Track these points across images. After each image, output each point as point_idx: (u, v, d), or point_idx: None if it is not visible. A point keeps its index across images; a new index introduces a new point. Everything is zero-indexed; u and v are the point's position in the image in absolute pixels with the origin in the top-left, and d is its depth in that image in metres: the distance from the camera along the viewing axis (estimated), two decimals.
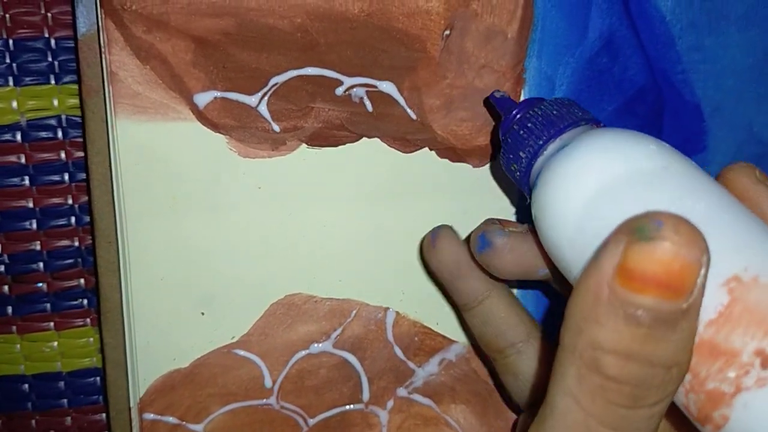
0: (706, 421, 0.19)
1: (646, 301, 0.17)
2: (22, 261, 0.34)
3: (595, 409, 0.19)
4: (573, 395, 0.19)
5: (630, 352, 0.18)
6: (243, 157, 0.31)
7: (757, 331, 0.18)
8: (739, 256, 0.19)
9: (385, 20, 0.30)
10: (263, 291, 0.33)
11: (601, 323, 0.18)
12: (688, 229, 0.17)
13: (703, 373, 0.19)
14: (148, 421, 0.33)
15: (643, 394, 0.18)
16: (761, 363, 0.18)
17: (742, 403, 0.18)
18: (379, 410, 0.34)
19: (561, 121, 0.25)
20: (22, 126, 0.33)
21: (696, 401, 0.19)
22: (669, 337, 0.18)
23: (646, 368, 0.18)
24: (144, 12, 0.29)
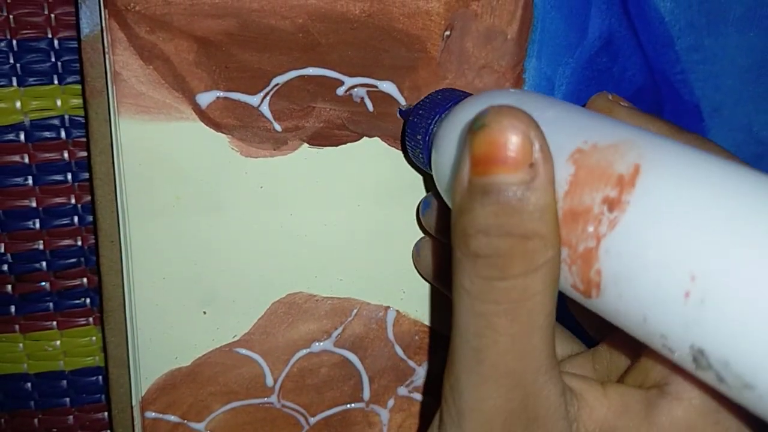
0: (589, 286, 0.20)
1: (491, 180, 0.19)
2: (25, 260, 0.34)
3: (474, 288, 0.20)
4: (459, 284, 0.21)
5: (488, 228, 0.20)
6: (245, 157, 0.31)
7: (600, 184, 0.20)
8: (579, 133, 0.21)
9: (385, 21, 0.30)
10: (265, 290, 0.33)
11: (465, 212, 0.20)
12: (509, 109, 0.19)
13: (573, 240, 0.20)
14: (149, 420, 0.33)
15: (508, 264, 0.20)
16: (608, 207, 0.19)
17: (604, 250, 0.20)
18: (379, 409, 0.34)
19: (445, 101, 0.28)
20: (25, 126, 0.33)
21: (577, 272, 0.21)
22: (521, 209, 0.19)
23: (505, 240, 0.20)
24: (147, 13, 0.29)
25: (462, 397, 0.22)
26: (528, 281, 0.20)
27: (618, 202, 0.19)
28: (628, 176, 0.19)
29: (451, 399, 0.22)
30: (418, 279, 0.34)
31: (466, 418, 0.22)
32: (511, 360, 0.21)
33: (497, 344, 0.20)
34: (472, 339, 0.21)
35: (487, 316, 0.20)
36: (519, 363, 0.21)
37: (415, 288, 0.34)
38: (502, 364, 0.21)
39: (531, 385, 0.21)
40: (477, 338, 0.21)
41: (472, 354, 0.21)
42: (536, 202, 0.19)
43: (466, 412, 0.22)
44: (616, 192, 0.19)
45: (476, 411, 0.22)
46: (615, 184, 0.19)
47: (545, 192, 0.19)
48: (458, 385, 0.22)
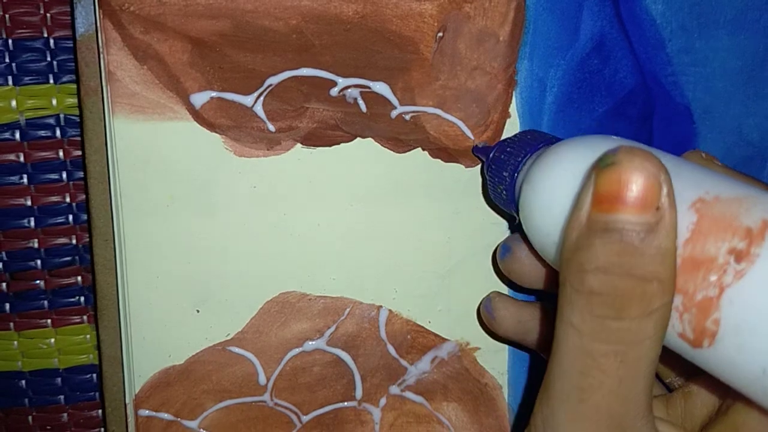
0: (702, 336, 0.21)
1: (616, 218, 0.20)
2: (20, 258, 0.34)
3: (585, 326, 0.21)
4: (568, 320, 0.21)
5: (608, 266, 0.20)
6: (239, 157, 0.31)
7: (726, 235, 0.20)
8: (700, 184, 0.22)
9: (378, 22, 0.30)
10: (258, 289, 0.33)
11: (583, 248, 0.20)
12: (641, 150, 0.20)
13: (691, 288, 0.20)
14: (143, 418, 0.33)
15: (625, 305, 0.20)
16: (735, 258, 0.20)
17: (728, 300, 0.20)
18: (371, 408, 0.34)
19: (535, 141, 0.28)
20: (20, 125, 0.33)
21: (690, 320, 0.21)
22: (643, 251, 0.20)
23: (625, 280, 0.20)
24: (141, 13, 0.29)
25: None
26: (642, 324, 0.20)
27: (747, 253, 0.19)
28: (757, 229, 0.20)
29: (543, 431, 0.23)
30: (410, 279, 0.34)
31: None
32: (615, 402, 0.21)
33: (603, 386, 0.21)
34: (577, 377, 0.21)
35: (596, 356, 0.21)
36: (622, 407, 0.21)
37: (408, 288, 0.34)
38: (604, 406, 0.21)
39: (630, 429, 0.21)
40: (582, 377, 0.21)
41: (575, 392, 0.21)
42: (659, 245, 0.20)
43: None
44: (745, 244, 0.20)
45: None
46: (743, 237, 0.20)
47: (668, 236, 0.20)
48: (554, 421, 0.22)
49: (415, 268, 0.34)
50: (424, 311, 0.34)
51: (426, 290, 0.34)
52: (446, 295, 0.34)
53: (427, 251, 0.34)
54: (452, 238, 0.34)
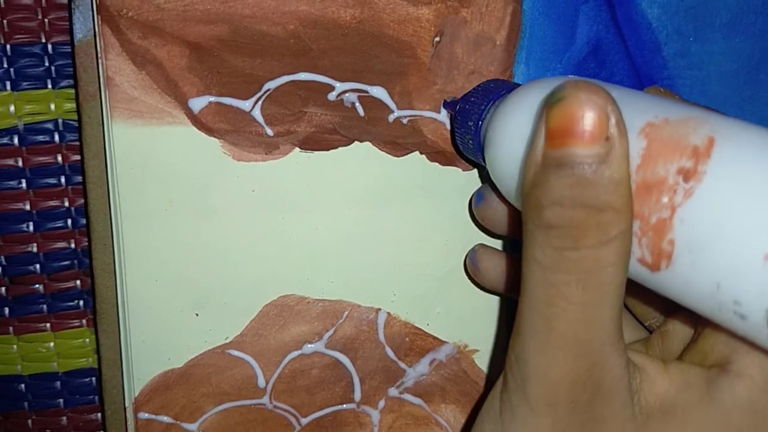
0: (659, 258, 0.21)
1: (567, 152, 0.20)
2: (19, 263, 0.35)
3: (546, 259, 0.21)
4: (531, 256, 0.22)
5: (563, 200, 0.20)
6: (237, 161, 0.32)
7: (675, 156, 0.20)
8: (649, 110, 0.22)
9: (376, 27, 0.31)
10: (257, 292, 0.33)
11: (539, 184, 0.21)
12: (587, 83, 0.20)
13: (646, 212, 0.21)
14: (143, 421, 0.33)
15: (581, 235, 0.20)
16: (684, 178, 0.20)
17: (679, 220, 0.20)
18: (370, 410, 0.35)
19: (497, 89, 0.28)
20: (19, 130, 0.33)
21: (647, 243, 0.21)
22: (596, 182, 0.20)
23: (579, 211, 0.20)
24: (140, 18, 0.29)
25: (528, 364, 0.22)
26: (601, 252, 0.20)
27: (694, 172, 0.20)
28: (703, 147, 0.20)
29: (517, 366, 0.23)
30: (408, 281, 0.34)
31: (532, 384, 0.22)
32: (581, 329, 0.21)
33: (567, 313, 0.21)
34: (542, 308, 0.22)
35: (559, 286, 0.21)
36: (588, 332, 0.21)
37: (406, 290, 0.34)
38: (571, 333, 0.21)
39: (598, 354, 0.21)
40: (547, 307, 0.21)
41: (542, 322, 0.22)
42: (611, 175, 0.20)
43: (531, 377, 0.22)
44: (692, 163, 0.20)
45: (542, 377, 0.22)
46: (690, 156, 0.20)
47: (620, 165, 0.20)
48: (525, 353, 0.22)
49: (414, 270, 0.34)
50: (423, 314, 0.34)
51: (424, 293, 0.34)
52: (444, 298, 0.34)
53: (425, 254, 0.34)
54: (450, 240, 0.34)
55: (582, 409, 0.22)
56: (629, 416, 0.22)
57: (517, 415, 0.23)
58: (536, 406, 0.22)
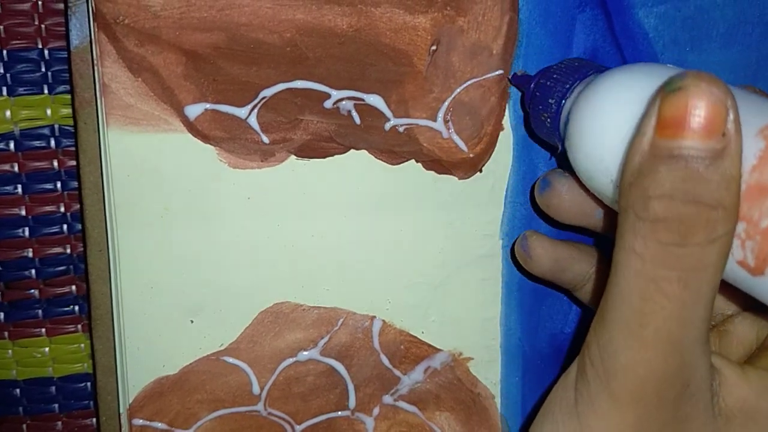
0: (765, 263, 0.21)
1: (681, 144, 0.20)
2: (15, 268, 0.35)
3: (648, 252, 0.21)
4: (630, 247, 0.21)
5: (673, 193, 0.20)
6: (233, 168, 0.32)
7: None
8: (765, 110, 0.21)
9: (372, 35, 0.31)
10: (252, 299, 0.33)
11: (647, 174, 0.20)
12: (708, 75, 0.19)
13: (755, 215, 0.21)
14: (137, 427, 0.33)
15: (689, 231, 0.20)
16: None
17: None
18: (365, 417, 0.35)
19: (583, 68, 0.28)
20: (15, 135, 0.33)
21: (753, 247, 0.21)
22: (709, 177, 0.20)
23: (690, 207, 0.20)
24: (136, 26, 0.29)
25: (616, 357, 0.22)
26: (706, 251, 0.20)
27: None
28: None
29: (600, 358, 0.23)
30: (404, 289, 0.34)
31: (618, 379, 0.22)
32: (676, 327, 0.21)
33: (665, 310, 0.21)
34: (637, 302, 0.21)
35: (659, 281, 0.21)
36: (682, 331, 0.21)
37: (401, 298, 0.34)
38: (665, 330, 0.21)
39: (689, 353, 0.21)
40: (643, 302, 0.21)
41: (635, 317, 0.21)
42: (725, 172, 0.20)
43: (618, 372, 0.22)
44: None
45: (630, 372, 0.22)
46: None
47: (734, 163, 0.20)
48: (612, 345, 0.22)
49: (409, 278, 0.34)
50: (418, 322, 0.34)
51: (419, 301, 0.34)
52: (439, 306, 0.34)
53: (420, 262, 0.34)
54: (445, 249, 0.34)
55: (667, 407, 0.22)
56: (710, 417, 0.22)
57: (597, 407, 0.23)
58: (621, 400, 0.22)
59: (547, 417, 0.25)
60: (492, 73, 0.32)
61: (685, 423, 0.22)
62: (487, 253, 0.34)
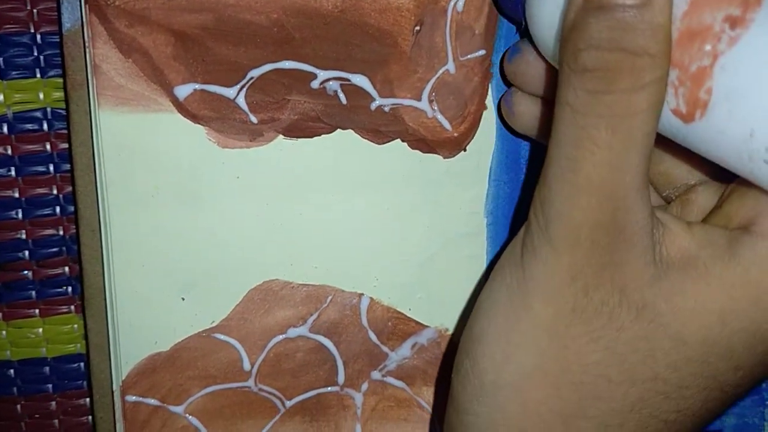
0: (695, 107, 0.21)
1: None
2: (8, 249, 0.35)
3: (578, 102, 0.21)
4: (564, 100, 0.22)
5: (600, 42, 0.21)
6: (222, 148, 0.32)
7: (723, 4, 0.20)
8: None
9: (357, 16, 0.31)
10: (242, 277, 0.34)
11: (578, 27, 0.21)
12: None
13: (686, 61, 0.21)
14: (130, 403, 0.34)
15: (614, 78, 0.21)
16: (730, 25, 0.20)
17: (720, 67, 0.20)
18: (354, 392, 0.35)
19: None
20: (8, 118, 0.34)
21: (684, 93, 0.21)
22: (635, 26, 0.20)
23: (615, 54, 0.20)
24: (126, 7, 0.30)
25: (553, 206, 0.23)
26: (633, 98, 0.21)
27: (741, 19, 0.20)
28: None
29: (541, 209, 0.23)
30: (391, 267, 0.35)
31: (555, 226, 0.23)
32: (607, 172, 0.22)
33: (594, 155, 0.21)
34: (570, 150, 0.22)
35: (588, 128, 0.21)
36: (613, 176, 0.22)
37: (389, 276, 0.35)
38: (596, 175, 0.22)
39: (622, 199, 0.22)
40: (575, 149, 0.22)
41: (568, 164, 0.22)
42: (651, 20, 0.20)
43: (555, 219, 0.23)
44: (740, 10, 0.20)
45: (566, 218, 0.23)
46: (739, 3, 0.20)
47: (661, 12, 0.20)
48: (550, 194, 0.23)
49: (395, 256, 0.35)
50: (405, 299, 0.35)
51: (406, 278, 0.35)
52: (426, 283, 0.35)
53: (406, 240, 0.35)
54: (431, 227, 0.35)
55: (602, 251, 0.22)
56: (649, 262, 0.23)
57: (539, 255, 0.24)
58: (558, 246, 0.23)
59: (497, 271, 0.26)
60: (475, 53, 0.33)
61: (621, 267, 0.23)
62: (472, 231, 0.35)
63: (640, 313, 0.23)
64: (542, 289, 0.24)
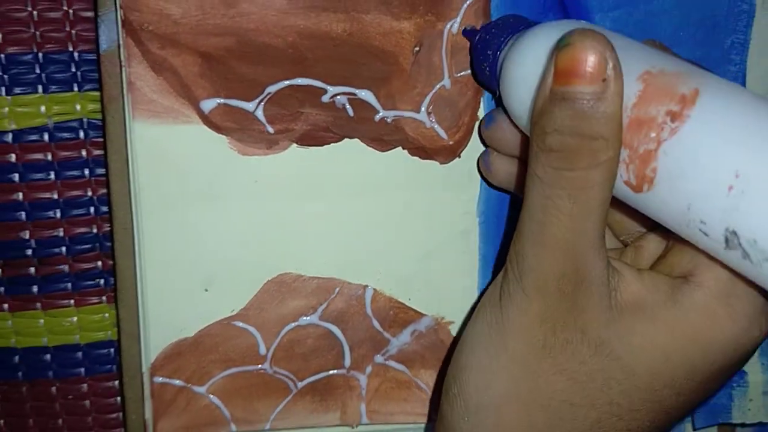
0: (642, 181, 0.25)
1: (571, 89, 0.24)
2: (47, 246, 0.39)
3: (546, 176, 0.25)
4: (533, 172, 0.26)
5: (563, 128, 0.24)
6: (242, 155, 0.36)
7: (666, 100, 0.24)
8: (648, 60, 0.26)
9: (363, 38, 0.35)
10: (259, 271, 0.37)
11: (545, 114, 0.25)
12: (592, 32, 0.24)
13: (635, 143, 0.25)
14: (158, 384, 0.37)
15: (575, 158, 0.24)
16: (671, 119, 0.24)
17: (663, 152, 0.24)
18: (359, 374, 0.39)
19: (516, 24, 0.32)
20: (49, 128, 0.37)
21: (633, 169, 0.25)
22: (591, 115, 0.24)
23: (576, 139, 0.24)
24: (158, 31, 0.34)
25: (525, 260, 0.27)
26: (590, 174, 0.25)
27: (680, 115, 0.24)
28: (690, 96, 0.24)
29: (515, 262, 0.27)
30: (392, 262, 0.38)
31: (527, 277, 0.27)
32: (569, 234, 0.25)
33: (559, 221, 0.25)
34: (539, 214, 0.26)
35: (553, 198, 0.25)
36: (575, 237, 0.25)
37: (390, 269, 0.38)
38: (560, 237, 0.26)
39: (582, 255, 0.26)
40: (543, 214, 0.26)
41: (537, 227, 0.26)
42: (604, 110, 0.24)
43: (527, 271, 0.27)
44: (679, 107, 0.24)
45: (536, 271, 0.26)
46: (678, 102, 0.24)
47: (613, 103, 0.24)
48: (523, 250, 0.27)
49: (397, 252, 0.38)
50: (405, 290, 0.38)
51: (406, 272, 0.38)
52: (424, 276, 0.38)
53: (407, 238, 0.38)
54: (428, 226, 0.38)
55: (567, 298, 0.26)
56: (606, 307, 0.26)
57: (514, 300, 0.27)
58: (530, 293, 0.27)
59: (479, 310, 0.29)
60: (468, 70, 0.36)
61: (582, 311, 0.26)
62: (466, 229, 0.38)
63: (598, 350, 0.26)
64: (517, 328, 0.27)
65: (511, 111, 0.31)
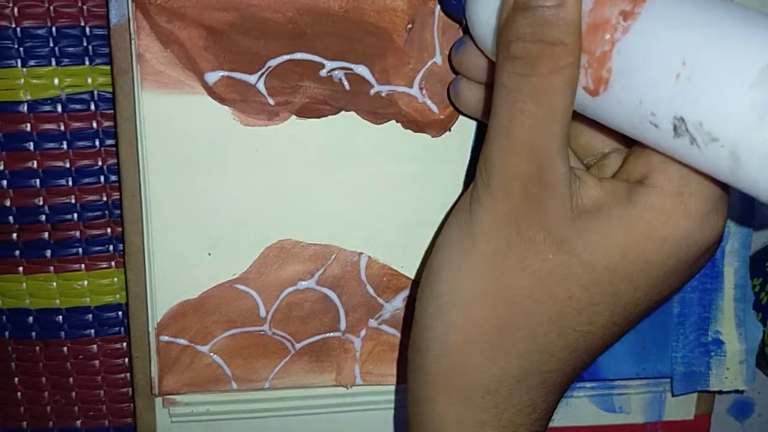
0: (599, 83, 0.27)
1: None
2: (60, 212, 0.41)
3: (510, 83, 0.27)
4: (499, 81, 0.28)
5: (525, 36, 0.26)
6: (244, 126, 0.37)
7: (617, 1, 0.26)
8: None
9: (359, 15, 0.37)
10: (259, 236, 0.39)
11: (509, 24, 0.27)
12: None
13: (592, 47, 0.26)
14: (163, 343, 0.39)
15: (537, 63, 0.26)
16: (623, 18, 0.26)
17: (616, 51, 0.26)
18: (353, 338, 0.41)
19: None
20: (62, 99, 0.39)
21: (591, 72, 0.27)
22: (552, 22, 0.25)
23: (537, 45, 0.26)
24: (166, 5, 0.36)
25: (493, 165, 0.28)
26: (551, 79, 0.26)
27: (631, 13, 0.25)
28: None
29: (484, 167, 0.29)
30: (386, 230, 0.40)
31: (494, 180, 0.29)
32: (533, 136, 0.27)
33: (524, 124, 0.27)
34: (504, 120, 0.28)
35: (518, 103, 0.27)
36: (539, 139, 0.27)
37: (384, 237, 0.40)
38: (525, 139, 0.27)
39: (546, 157, 0.27)
40: (508, 119, 0.27)
41: (503, 132, 0.28)
42: (564, 17, 0.26)
43: (494, 175, 0.28)
44: (631, 6, 0.26)
45: (502, 174, 0.28)
46: (630, 1, 0.26)
47: (573, 10, 0.25)
48: (490, 156, 0.29)
49: (390, 221, 0.40)
50: (398, 257, 0.40)
51: (399, 240, 0.40)
52: (416, 244, 0.40)
53: (399, 207, 0.40)
54: (420, 196, 0.39)
55: (531, 199, 0.28)
56: (567, 209, 0.28)
57: (482, 203, 0.29)
58: (497, 195, 0.28)
59: (451, 217, 0.31)
60: None
61: (546, 212, 0.28)
62: (455, 200, 0.40)
63: (559, 247, 0.28)
64: (484, 229, 0.29)
65: (476, 35, 0.32)
